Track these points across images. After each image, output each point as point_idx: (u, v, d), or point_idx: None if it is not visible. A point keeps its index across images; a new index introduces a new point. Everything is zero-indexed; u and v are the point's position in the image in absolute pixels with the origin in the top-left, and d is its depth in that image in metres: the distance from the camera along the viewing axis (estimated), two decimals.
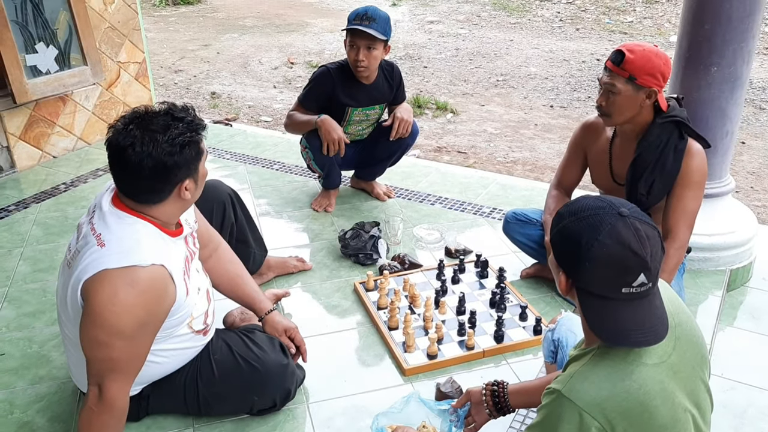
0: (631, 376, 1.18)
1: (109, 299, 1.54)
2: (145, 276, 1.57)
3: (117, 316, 1.55)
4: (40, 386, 2.14)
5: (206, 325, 1.87)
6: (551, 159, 4.91)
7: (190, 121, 1.64)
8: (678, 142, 2.17)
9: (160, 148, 1.56)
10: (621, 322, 1.19)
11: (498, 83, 6.72)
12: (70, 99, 4.01)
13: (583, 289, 1.22)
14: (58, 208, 3.38)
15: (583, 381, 1.20)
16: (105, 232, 1.62)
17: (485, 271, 2.70)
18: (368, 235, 2.86)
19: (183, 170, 1.62)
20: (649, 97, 2.13)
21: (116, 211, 1.64)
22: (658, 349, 1.21)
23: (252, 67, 7.39)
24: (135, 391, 1.86)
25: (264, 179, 3.68)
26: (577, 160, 2.53)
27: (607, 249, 1.16)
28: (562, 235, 1.24)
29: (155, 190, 1.63)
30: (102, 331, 1.56)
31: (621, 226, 1.17)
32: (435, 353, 2.24)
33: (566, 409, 1.18)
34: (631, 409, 1.16)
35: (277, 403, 1.96)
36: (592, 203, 1.23)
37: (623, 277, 1.17)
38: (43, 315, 2.51)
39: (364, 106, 3.18)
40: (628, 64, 2.09)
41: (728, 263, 2.69)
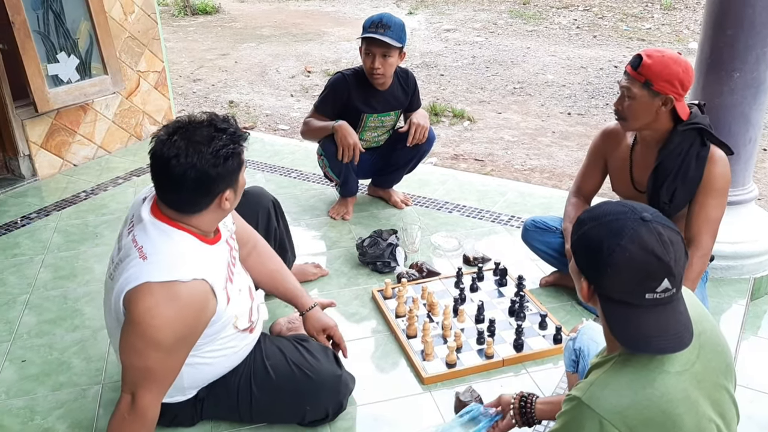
0: (653, 384, 1.15)
1: (149, 311, 1.55)
2: (186, 292, 1.58)
3: (156, 329, 1.55)
4: (60, 393, 2.15)
5: (251, 322, 1.87)
6: (569, 167, 4.87)
7: (233, 132, 1.64)
8: (700, 149, 2.14)
9: (204, 160, 1.56)
10: (644, 328, 1.16)
11: (515, 91, 6.70)
12: (91, 108, 4.06)
13: (605, 296, 1.20)
14: (79, 216, 3.42)
15: (603, 388, 1.18)
16: (147, 244, 1.62)
17: (504, 279, 2.68)
18: (386, 243, 2.85)
19: (225, 181, 1.63)
20: (665, 104, 2.10)
21: (157, 222, 1.65)
22: (682, 357, 1.19)
23: (269, 75, 7.43)
24: (191, 394, 1.88)
25: (281, 187, 3.70)
26: (597, 168, 2.51)
27: (630, 254, 1.14)
28: (583, 241, 1.22)
29: (196, 201, 1.64)
30: (140, 341, 1.57)
31: (644, 231, 1.15)
32: (454, 362, 2.22)
33: (586, 417, 1.15)
34: (653, 417, 1.14)
35: (329, 413, 1.94)
36: (614, 208, 1.21)
37: (647, 283, 1.15)
38: (63, 322, 2.53)
39: (379, 113, 3.19)
40: (645, 68, 2.08)
41: (752, 271, 2.65)
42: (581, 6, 10.34)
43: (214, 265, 1.69)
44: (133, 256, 1.61)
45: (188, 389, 1.87)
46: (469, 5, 10.96)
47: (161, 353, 1.59)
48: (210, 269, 1.66)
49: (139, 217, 1.67)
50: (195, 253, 1.65)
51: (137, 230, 1.66)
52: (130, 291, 1.57)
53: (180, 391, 1.85)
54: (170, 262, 1.60)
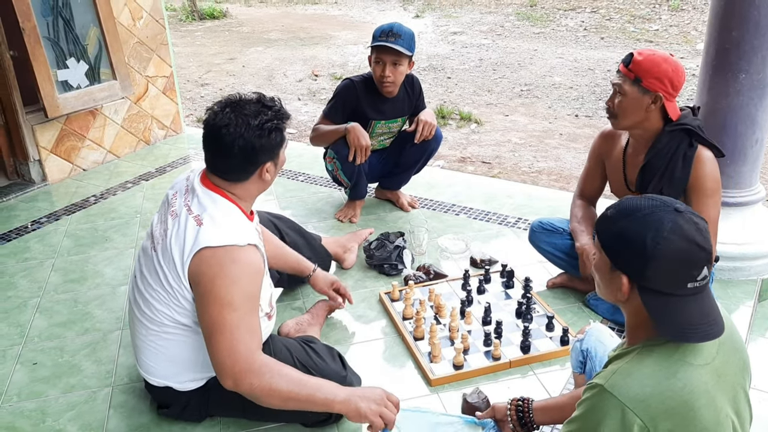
0: (676, 375, 1.16)
1: (217, 275, 1.68)
2: (243, 254, 1.72)
3: (226, 290, 1.68)
4: (71, 395, 2.17)
5: (271, 307, 1.98)
6: (576, 169, 4.87)
7: (278, 110, 1.81)
8: (687, 149, 2.16)
9: (251, 131, 1.74)
10: (689, 316, 1.18)
11: (522, 93, 6.70)
12: (100, 113, 4.09)
13: (649, 289, 1.19)
14: (88, 220, 3.45)
15: (626, 377, 1.18)
16: (201, 212, 1.76)
17: (511, 281, 2.69)
18: (393, 246, 2.86)
19: (267, 153, 1.79)
20: (654, 102, 2.13)
21: (208, 191, 1.80)
22: (704, 351, 1.20)
23: (277, 79, 7.47)
24: (202, 381, 1.92)
25: (289, 190, 3.72)
26: (598, 170, 2.53)
27: (674, 245, 1.15)
28: (622, 237, 1.20)
29: (242, 169, 1.79)
30: (216, 306, 1.68)
31: (682, 222, 1.17)
32: (461, 364, 2.23)
33: (609, 405, 1.15)
34: (675, 408, 1.14)
35: (332, 414, 1.95)
36: (645, 202, 1.22)
37: (690, 272, 1.17)
38: (74, 325, 2.55)
39: (387, 119, 3.21)
40: (635, 65, 2.12)
41: (759, 273, 2.64)
42: (588, 8, 10.33)
43: (257, 237, 1.85)
44: (190, 223, 1.75)
45: (205, 372, 1.90)
46: (476, 8, 10.98)
47: (236, 312, 1.68)
48: (257, 239, 1.82)
49: (192, 188, 1.83)
50: (244, 222, 1.81)
51: (191, 200, 1.80)
52: (194, 259, 1.70)
53: (194, 372, 1.90)
54: (225, 227, 1.74)
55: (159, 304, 1.81)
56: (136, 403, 2.12)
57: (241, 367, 1.67)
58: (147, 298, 1.84)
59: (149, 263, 1.84)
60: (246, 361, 1.68)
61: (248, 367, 1.67)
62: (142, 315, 1.87)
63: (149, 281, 1.83)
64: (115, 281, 2.84)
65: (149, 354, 1.91)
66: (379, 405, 1.74)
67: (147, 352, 1.91)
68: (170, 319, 1.82)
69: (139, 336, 1.91)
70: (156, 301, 1.82)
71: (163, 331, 1.85)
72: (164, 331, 1.84)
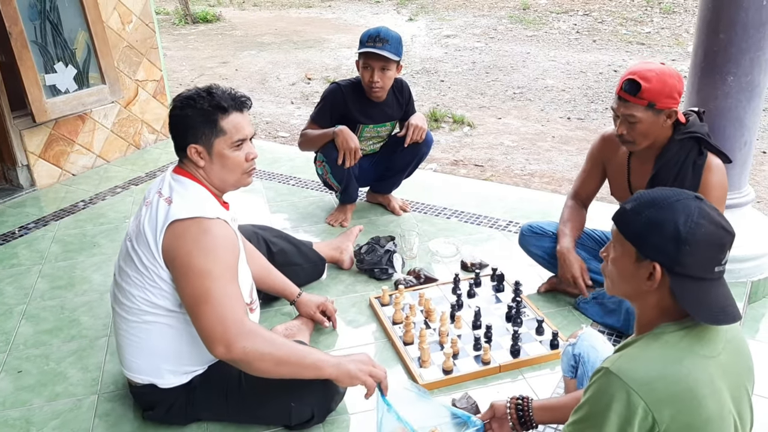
0: (682, 362, 1.18)
1: (192, 248, 1.71)
2: (213, 225, 1.76)
3: (203, 260, 1.71)
4: (56, 403, 2.15)
5: (251, 298, 1.99)
6: (569, 171, 4.87)
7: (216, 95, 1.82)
8: (697, 157, 2.15)
9: (177, 106, 1.84)
10: (718, 299, 1.21)
11: (515, 96, 6.70)
12: (89, 117, 4.07)
13: (681, 274, 1.21)
14: (77, 226, 3.42)
15: (632, 360, 1.20)
16: (171, 193, 1.82)
17: (501, 284, 2.68)
18: (383, 250, 2.85)
19: (190, 132, 1.82)
20: (669, 117, 2.11)
21: (177, 176, 1.87)
22: (710, 344, 1.22)
23: (270, 83, 7.46)
24: (186, 379, 1.92)
25: (280, 194, 3.70)
26: (596, 172, 2.52)
27: (706, 229, 1.19)
28: (653, 225, 1.22)
29: (177, 146, 1.87)
30: (196, 278, 1.70)
31: (706, 207, 1.21)
32: (450, 368, 2.21)
33: (614, 387, 1.17)
34: (679, 394, 1.15)
35: (315, 414, 1.94)
36: (666, 193, 1.25)
37: (718, 255, 1.21)
38: (60, 332, 2.53)
39: (375, 124, 3.20)
40: (646, 92, 2.06)
41: (749, 275, 2.63)
42: (581, 11, 10.35)
43: (230, 221, 1.86)
44: (161, 205, 1.79)
45: (187, 366, 1.90)
46: (469, 11, 10.99)
47: (218, 281, 1.71)
48: (229, 220, 1.85)
49: (164, 177, 1.89)
50: (213, 202, 1.85)
51: (163, 186, 1.85)
52: (165, 234, 1.74)
53: (176, 365, 1.89)
54: (192, 202, 1.79)
55: (134, 288, 1.82)
56: (122, 410, 2.10)
57: (231, 332, 1.69)
58: (123, 286, 1.85)
59: (125, 255, 1.86)
60: (235, 326, 1.69)
61: (238, 331, 1.69)
62: (120, 307, 1.88)
63: (125, 270, 1.85)
64: (103, 287, 2.81)
65: (130, 348, 1.90)
66: (368, 365, 1.82)
67: (128, 346, 1.90)
68: (147, 302, 1.82)
69: (120, 332, 1.91)
70: (131, 286, 1.82)
71: (141, 321, 1.84)
72: (143, 320, 1.84)
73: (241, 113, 1.86)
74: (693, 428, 1.17)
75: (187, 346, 1.88)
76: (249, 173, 1.92)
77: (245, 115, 1.88)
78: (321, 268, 2.79)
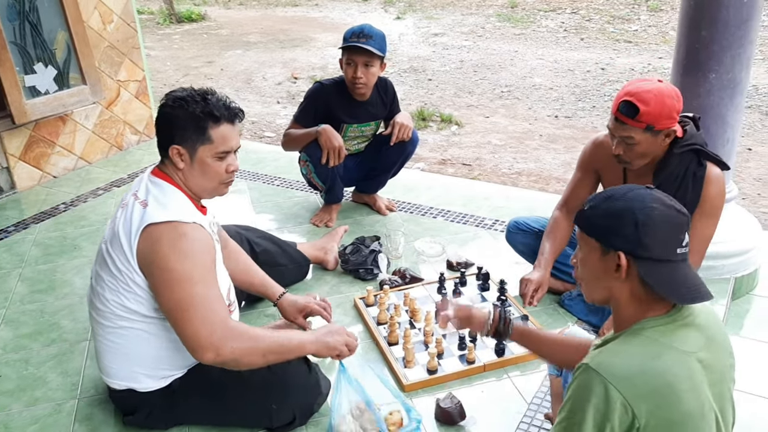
0: (661, 357, 1.19)
1: (169, 253, 1.69)
2: (189, 230, 1.74)
3: (182, 265, 1.68)
4: (35, 408, 2.12)
5: (229, 300, 1.95)
6: (556, 169, 4.87)
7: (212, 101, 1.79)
8: (697, 169, 2.10)
9: (167, 106, 1.80)
10: (687, 279, 1.25)
11: (503, 94, 6.70)
12: (70, 118, 4.02)
13: (647, 259, 1.24)
14: (58, 228, 3.38)
15: (612, 356, 1.22)
16: (147, 195, 1.79)
17: (486, 283, 2.67)
18: (368, 250, 2.83)
19: (176, 132, 1.78)
20: (668, 135, 2.05)
21: (154, 178, 1.83)
22: (690, 340, 1.23)
23: (256, 82, 7.42)
24: (165, 383, 1.89)
25: (265, 195, 3.67)
26: (588, 180, 2.42)
27: (660, 211, 1.24)
28: (611, 214, 1.27)
29: (159, 144, 1.84)
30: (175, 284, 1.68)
31: (657, 194, 1.27)
32: (435, 368, 2.20)
33: (593, 381, 1.18)
34: (658, 388, 1.16)
35: (296, 417, 1.94)
36: (617, 189, 1.32)
37: (677, 236, 1.25)
38: (40, 336, 2.49)
39: (359, 123, 3.18)
40: (645, 116, 1.98)
41: (732, 271, 2.63)
42: (569, 9, 10.37)
43: (207, 225, 1.84)
44: (136, 208, 1.76)
45: (165, 371, 1.88)
46: (457, 9, 10.99)
47: (198, 285, 1.70)
48: (205, 225, 1.83)
49: (141, 178, 1.86)
50: (190, 207, 1.82)
51: (139, 189, 1.82)
52: (140, 237, 1.71)
53: (152, 369, 1.87)
54: (169, 206, 1.76)
55: (109, 293, 1.79)
56: (102, 415, 2.07)
57: (218, 335, 1.69)
58: (98, 291, 1.83)
59: (101, 259, 1.84)
60: (222, 329, 1.70)
61: (225, 333, 1.70)
62: (96, 312, 1.86)
63: (101, 274, 1.82)
64: (84, 291, 2.77)
65: (107, 354, 1.88)
66: (342, 335, 1.92)
67: (104, 351, 1.88)
68: (121, 307, 1.79)
69: (97, 337, 1.89)
70: (106, 290, 1.80)
71: (116, 326, 1.82)
72: (117, 326, 1.82)
73: (231, 125, 1.83)
74: (673, 423, 1.17)
75: (163, 351, 1.86)
76: (227, 184, 1.90)
77: (235, 127, 1.85)
78: (305, 268, 2.76)
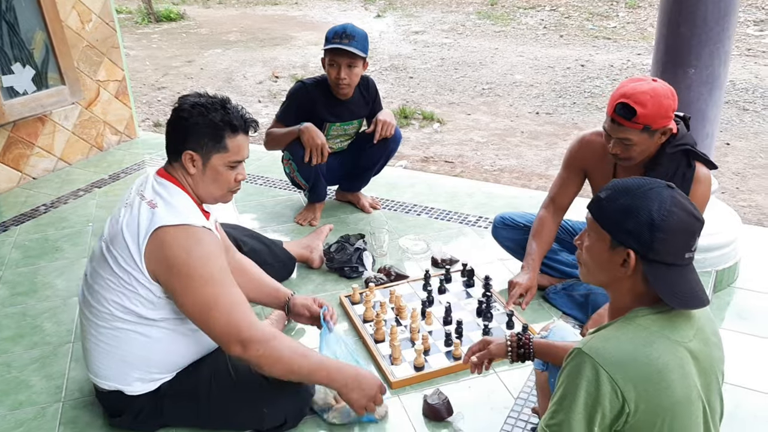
0: (652, 344, 1.21)
1: (188, 258, 1.69)
2: (200, 233, 1.74)
3: (203, 267, 1.70)
4: (19, 412, 2.09)
5: None
6: (538, 166, 4.91)
7: (230, 111, 1.80)
8: (686, 169, 2.12)
9: (186, 110, 1.78)
10: (689, 284, 1.25)
11: (484, 92, 6.73)
12: (49, 119, 3.97)
13: (654, 261, 1.24)
14: (38, 230, 3.34)
15: (604, 341, 1.23)
16: (155, 197, 1.77)
17: (471, 280, 2.68)
18: (353, 248, 2.83)
19: (191, 138, 1.78)
20: (664, 134, 2.07)
21: (161, 179, 1.82)
22: (682, 330, 1.25)
23: (236, 82, 7.37)
24: (153, 386, 1.88)
25: (248, 195, 3.65)
26: (574, 178, 2.42)
27: (678, 216, 1.22)
28: (627, 212, 1.25)
29: (171, 148, 1.83)
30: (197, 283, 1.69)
31: (678, 196, 1.25)
32: (422, 365, 2.21)
33: (585, 364, 1.19)
34: (648, 375, 1.18)
35: (288, 420, 1.93)
36: (639, 181, 1.29)
37: (689, 242, 1.25)
38: (22, 339, 2.46)
39: (341, 121, 3.18)
40: (642, 118, 1.98)
41: (714, 264, 2.67)
42: (548, 6, 10.45)
43: (213, 230, 1.84)
44: (143, 208, 1.74)
45: (155, 374, 1.87)
46: (437, 7, 11.01)
47: (221, 286, 1.72)
48: (212, 229, 1.83)
49: (146, 178, 1.84)
50: (197, 211, 1.81)
51: (145, 188, 1.80)
52: (150, 240, 1.69)
53: (147, 376, 1.86)
54: (180, 208, 1.75)
55: (108, 292, 1.77)
56: (88, 418, 2.05)
57: (245, 335, 1.72)
58: (96, 289, 1.80)
59: (99, 257, 1.81)
60: (249, 328, 1.73)
61: (252, 334, 1.72)
62: (90, 311, 1.83)
63: (99, 272, 1.80)
64: (66, 293, 2.74)
65: (98, 354, 1.86)
66: (369, 401, 1.90)
67: (96, 352, 1.86)
68: (120, 307, 1.77)
69: (89, 337, 1.87)
70: (105, 289, 1.78)
71: (111, 327, 1.80)
72: (113, 326, 1.80)
73: (246, 136, 1.86)
74: (662, 410, 1.19)
75: (156, 354, 1.85)
76: (233, 192, 1.92)
77: (248, 138, 1.88)
78: (291, 267, 2.76)
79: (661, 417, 1.19)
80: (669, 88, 2.03)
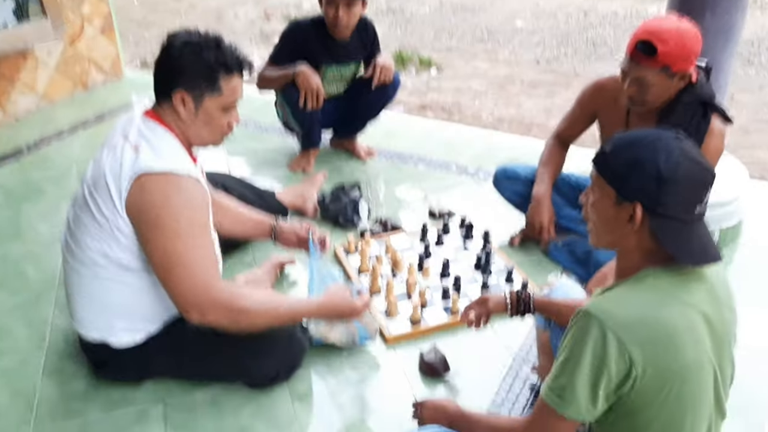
0: (663, 306, 1.16)
1: (162, 206, 1.61)
2: (184, 183, 1.65)
3: (175, 220, 1.62)
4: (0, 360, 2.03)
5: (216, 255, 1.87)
6: (537, 115, 4.79)
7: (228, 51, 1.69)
8: (701, 120, 2.04)
9: (177, 48, 1.67)
10: (699, 239, 1.20)
11: (483, 38, 6.53)
12: (31, 55, 3.78)
13: (663, 215, 1.18)
14: (21, 172, 3.21)
15: (613, 302, 1.19)
16: (139, 139, 1.67)
17: (470, 232, 2.61)
18: (349, 198, 2.74)
19: (182, 78, 1.67)
20: (682, 78, 1.97)
21: (148, 120, 1.71)
22: (693, 292, 1.20)
23: (227, 21, 7.13)
24: (139, 336, 1.82)
25: (238, 139, 3.50)
26: (585, 117, 2.43)
27: (687, 167, 1.16)
28: (633, 164, 1.18)
29: (160, 89, 1.72)
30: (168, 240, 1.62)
31: (687, 146, 1.19)
32: (418, 319, 2.15)
33: (592, 327, 1.15)
34: (657, 337, 1.14)
35: (279, 373, 1.89)
36: (645, 133, 1.23)
37: (699, 194, 1.19)
38: (3, 285, 2.37)
39: (338, 63, 3.04)
40: (662, 56, 1.89)
41: (718, 221, 2.60)
42: None
43: (201, 177, 1.75)
44: (126, 150, 1.65)
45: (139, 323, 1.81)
46: None
47: (191, 241, 1.64)
48: (200, 178, 1.74)
49: (132, 120, 1.73)
50: (184, 156, 1.72)
51: (130, 130, 1.69)
52: (133, 186, 1.61)
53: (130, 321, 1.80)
54: (164, 154, 1.66)
55: (89, 238, 1.70)
56: (71, 368, 1.99)
57: (203, 298, 1.64)
58: (78, 236, 1.73)
59: (82, 202, 1.73)
60: (209, 292, 1.65)
61: (210, 298, 1.65)
62: (72, 257, 1.76)
63: (80, 217, 1.72)
64: (50, 238, 2.64)
65: (82, 302, 1.79)
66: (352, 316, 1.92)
67: (79, 299, 1.80)
68: (102, 255, 1.70)
69: (72, 284, 1.80)
70: (86, 235, 1.70)
71: (94, 274, 1.73)
72: (95, 274, 1.73)
73: (241, 77, 1.75)
74: (670, 373, 1.15)
75: (141, 304, 1.78)
76: (225, 135, 1.82)
77: (242, 80, 1.76)
78: (283, 218, 2.67)
79: (669, 382, 1.15)
80: (695, 30, 1.92)
